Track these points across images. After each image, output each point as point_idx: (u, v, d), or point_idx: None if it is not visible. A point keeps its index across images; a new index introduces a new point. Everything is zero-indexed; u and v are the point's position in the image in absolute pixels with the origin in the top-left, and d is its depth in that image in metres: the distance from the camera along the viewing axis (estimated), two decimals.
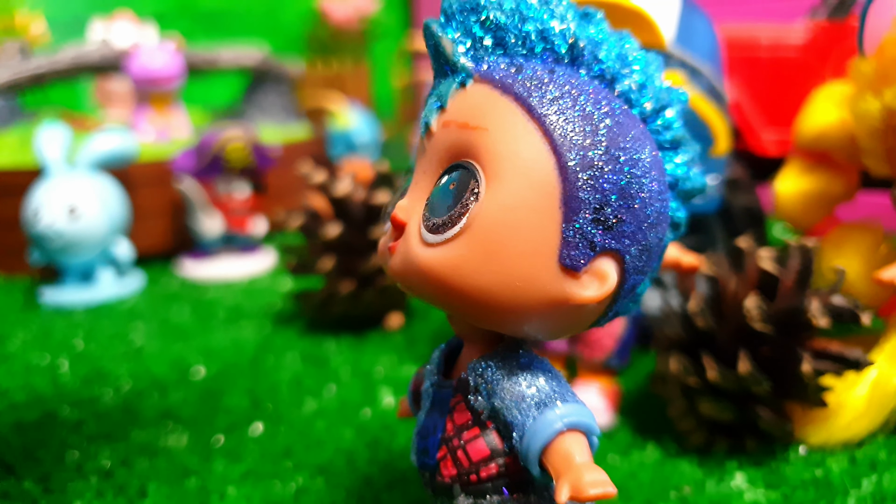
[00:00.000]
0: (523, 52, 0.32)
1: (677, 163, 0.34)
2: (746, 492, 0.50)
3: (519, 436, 0.31)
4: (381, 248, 0.35)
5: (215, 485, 0.51)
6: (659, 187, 0.32)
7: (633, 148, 0.31)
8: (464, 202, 0.30)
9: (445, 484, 0.34)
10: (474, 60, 0.32)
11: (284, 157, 1.18)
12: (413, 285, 0.33)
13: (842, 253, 0.63)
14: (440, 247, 0.30)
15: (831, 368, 0.51)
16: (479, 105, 0.31)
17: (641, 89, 0.32)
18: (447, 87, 0.32)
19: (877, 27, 0.56)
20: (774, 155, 0.87)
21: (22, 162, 1.00)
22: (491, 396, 0.32)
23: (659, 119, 0.33)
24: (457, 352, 0.37)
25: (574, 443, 0.30)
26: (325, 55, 2.10)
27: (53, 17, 1.52)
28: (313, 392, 0.66)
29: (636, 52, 0.33)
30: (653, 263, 0.33)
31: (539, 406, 0.31)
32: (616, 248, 0.30)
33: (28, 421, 0.61)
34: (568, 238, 0.29)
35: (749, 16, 1.10)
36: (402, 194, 0.35)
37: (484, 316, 0.32)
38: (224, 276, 1.02)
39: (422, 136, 0.34)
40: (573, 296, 0.30)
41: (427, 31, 0.33)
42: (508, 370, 0.33)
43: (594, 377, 0.61)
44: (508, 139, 0.30)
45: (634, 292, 0.33)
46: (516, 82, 0.31)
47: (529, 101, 0.30)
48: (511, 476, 0.32)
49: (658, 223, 0.32)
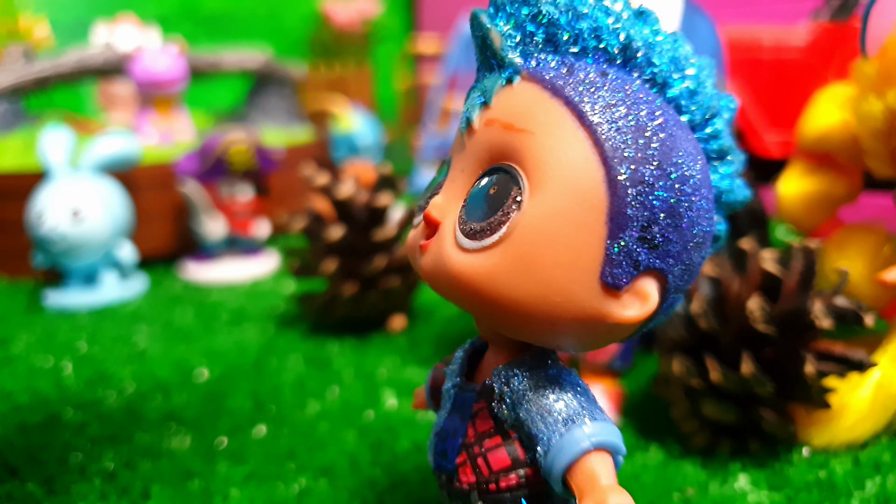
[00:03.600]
0: (575, 51, 0.30)
1: (722, 174, 0.33)
2: (750, 494, 0.49)
3: (543, 450, 0.30)
4: (412, 243, 0.34)
5: (218, 487, 0.51)
6: (707, 205, 0.30)
7: (684, 164, 0.29)
8: (504, 210, 0.29)
9: (463, 490, 0.33)
10: (523, 56, 0.31)
11: (287, 159, 1.19)
12: (443, 288, 0.31)
13: (845, 254, 0.63)
14: (476, 254, 0.29)
15: (834, 370, 0.51)
16: (527, 106, 0.29)
17: (693, 96, 0.31)
18: (493, 83, 0.31)
19: (879, 28, 0.56)
20: (777, 156, 0.87)
21: (26, 165, 1.01)
22: (516, 406, 0.31)
23: (708, 127, 0.32)
24: (480, 353, 0.36)
25: (600, 463, 0.29)
26: (327, 58, 2.10)
27: (57, 21, 1.53)
28: (316, 394, 0.66)
29: (690, 57, 0.31)
30: (692, 281, 0.32)
31: (567, 423, 0.30)
32: (660, 268, 0.29)
33: (32, 423, 0.61)
34: (612, 256, 0.28)
35: (751, 17, 1.10)
36: (436, 189, 0.33)
37: (516, 327, 0.30)
38: (227, 279, 1.03)
39: (462, 131, 0.32)
40: (612, 315, 0.29)
41: (475, 22, 0.31)
42: (536, 381, 0.32)
43: (597, 379, 0.61)
44: (556, 146, 0.28)
45: (670, 309, 0.32)
46: (567, 84, 0.29)
47: (581, 107, 0.28)
48: (531, 488, 0.32)
49: (703, 242, 0.30)
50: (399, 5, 2.36)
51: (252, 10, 2.09)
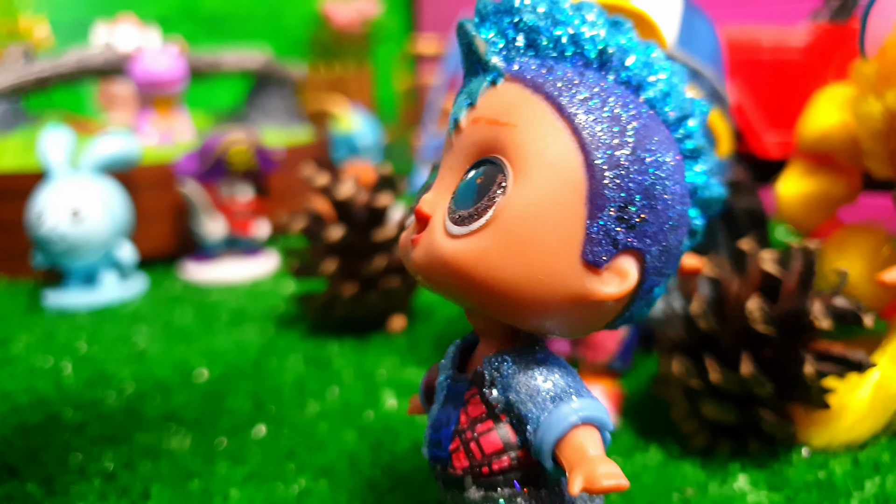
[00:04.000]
0: (554, 55, 0.33)
1: (697, 171, 0.34)
2: (749, 494, 0.50)
3: (533, 429, 0.31)
4: (403, 241, 0.35)
5: (218, 487, 0.51)
6: (681, 190, 0.32)
7: (658, 150, 0.31)
8: (490, 195, 0.31)
9: (457, 476, 0.34)
10: (506, 60, 0.33)
11: (287, 159, 1.19)
12: (435, 277, 0.33)
13: (844, 255, 0.63)
14: (465, 238, 0.31)
15: (834, 370, 0.51)
16: (510, 102, 0.32)
17: (666, 98, 0.33)
18: (478, 85, 0.33)
19: (878, 29, 0.56)
20: (776, 157, 0.87)
21: (25, 165, 1.01)
22: (506, 390, 0.33)
23: (681, 128, 0.34)
24: (472, 348, 0.37)
25: (588, 436, 0.30)
26: (327, 58, 2.10)
27: (57, 21, 1.53)
28: (316, 394, 0.66)
29: (662, 62, 0.34)
30: (670, 266, 0.33)
31: (554, 400, 0.31)
32: (638, 247, 0.31)
33: (31, 423, 0.61)
34: (592, 234, 0.30)
35: (751, 18, 1.10)
36: (426, 189, 0.35)
37: (505, 309, 0.32)
38: (227, 279, 1.03)
39: (450, 133, 0.34)
40: (594, 292, 0.30)
41: (461, 30, 0.34)
42: (524, 364, 0.33)
43: (597, 379, 0.61)
44: (537, 136, 0.30)
45: (651, 295, 0.33)
46: (547, 82, 0.31)
47: (560, 101, 0.31)
48: (523, 469, 0.33)
49: (679, 226, 0.32)
50: (399, 5, 2.36)
51: (252, 11, 2.09)
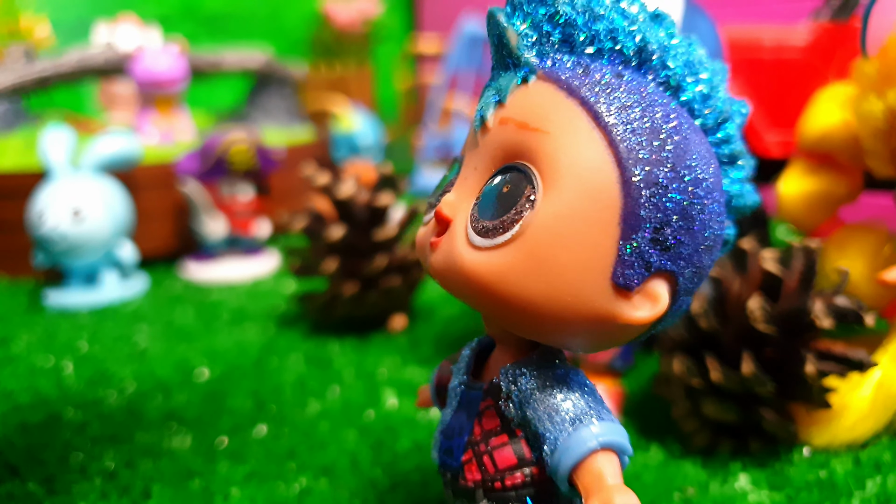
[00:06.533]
0: (590, 52, 0.30)
1: (733, 178, 0.33)
2: (750, 493, 0.49)
3: (550, 449, 0.30)
4: (421, 241, 0.33)
5: (219, 486, 0.51)
6: (719, 209, 0.31)
7: (698, 167, 0.29)
8: (517, 208, 0.29)
9: (468, 488, 0.33)
10: (539, 56, 0.30)
11: (288, 159, 1.19)
12: (453, 286, 0.31)
13: (845, 254, 0.63)
14: (488, 252, 0.29)
15: (835, 369, 0.51)
16: (542, 105, 0.29)
17: (706, 100, 0.31)
18: (508, 82, 0.31)
19: (879, 28, 0.56)
20: (777, 156, 0.86)
21: (26, 165, 1.01)
22: (523, 405, 0.31)
23: (720, 132, 0.32)
24: (487, 351, 0.36)
25: (606, 463, 0.29)
26: (328, 58, 2.10)
27: (58, 21, 1.53)
28: (317, 394, 0.66)
29: (704, 61, 0.32)
30: (701, 284, 0.32)
31: (574, 422, 0.30)
32: (671, 270, 0.29)
33: (32, 423, 0.61)
34: (624, 256, 0.28)
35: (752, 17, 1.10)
36: (447, 186, 0.33)
37: (526, 326, 0.30)
38: (228, 279, 1.03)
39: (475, 130, 0.32)
40: (623, 316, 0.29)
41: (491, 20, 0.31)
42: (543, 380, 0.32)
43: (598, 379, 0.61)
44: (570, 146, 0.28)
45: (679, 311, 0.32)
46: (583, 85, 0.29)
47: (596, 108, 0.29)
48: (536, 486, 0.32)
49: (714, 246, 0.31)
50: (399, 5, 2.36)
51: (253, 10, 2.09)
